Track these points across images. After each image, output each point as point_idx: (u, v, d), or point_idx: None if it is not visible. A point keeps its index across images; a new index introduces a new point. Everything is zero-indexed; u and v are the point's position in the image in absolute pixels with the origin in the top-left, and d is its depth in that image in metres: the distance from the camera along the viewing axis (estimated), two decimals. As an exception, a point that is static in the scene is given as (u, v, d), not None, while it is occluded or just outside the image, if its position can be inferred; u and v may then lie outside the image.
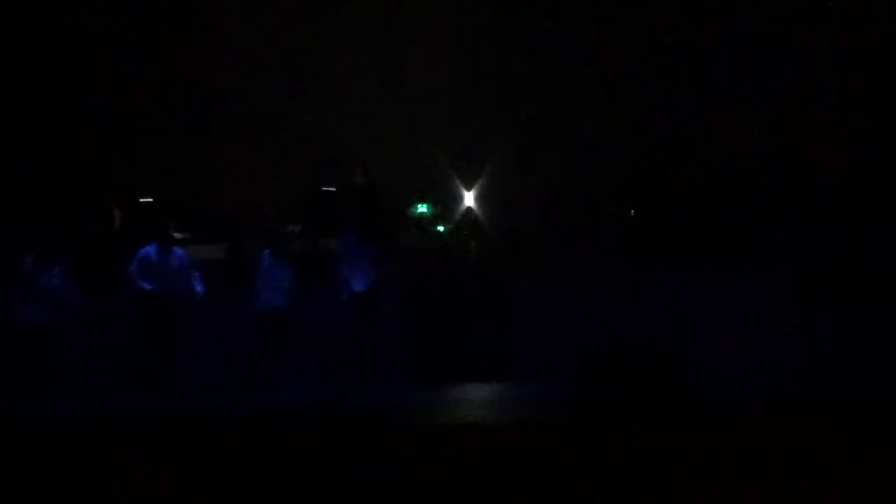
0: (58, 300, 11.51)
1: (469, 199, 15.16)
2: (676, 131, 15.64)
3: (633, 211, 13.34)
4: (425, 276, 11.84)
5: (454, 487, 6.45)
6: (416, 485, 6.57)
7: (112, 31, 16.58)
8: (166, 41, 16.51)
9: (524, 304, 12.16)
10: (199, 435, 9.18)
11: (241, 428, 9.60)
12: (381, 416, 10.04)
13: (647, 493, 6.14)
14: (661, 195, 13.35)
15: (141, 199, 14.66)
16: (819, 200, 11.59)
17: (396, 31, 16.34)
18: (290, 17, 16.56)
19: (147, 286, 11.42)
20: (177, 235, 14.23)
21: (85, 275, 12.23)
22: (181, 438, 8.91)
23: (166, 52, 16.46)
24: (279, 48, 16.47)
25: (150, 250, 11.63)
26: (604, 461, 7.10)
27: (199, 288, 11.56)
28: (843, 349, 11.12)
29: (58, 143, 16.34)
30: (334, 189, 14.17)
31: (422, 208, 12.49)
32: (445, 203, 14.40)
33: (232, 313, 12.10)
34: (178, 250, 11.75)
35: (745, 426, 8.35)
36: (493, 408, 10.35)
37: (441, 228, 12.99)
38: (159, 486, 6.78)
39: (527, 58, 16.14)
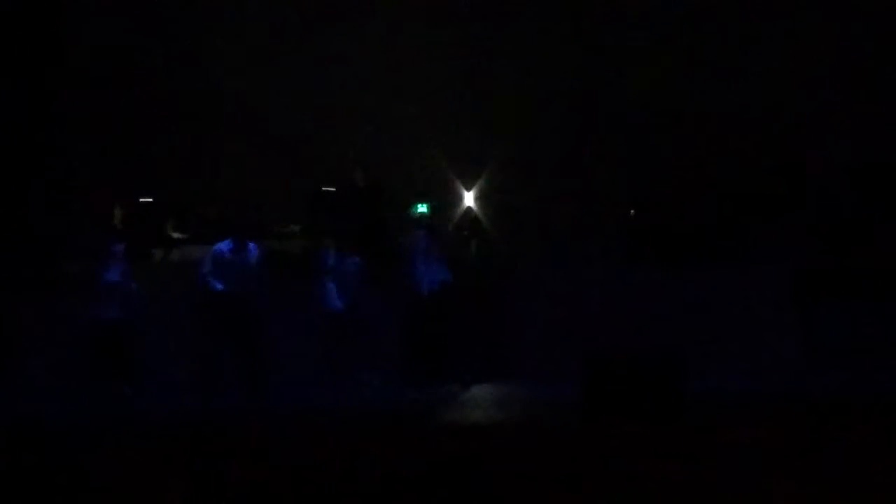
0: (129, 297, 11.35)
1: (469, 199, 15.17)
2: (676, 131, 15.65)
3: (632, 211, 13.35)
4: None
5: (455, 487, 6.45)
6: (416, 485, 6.58)
7: (113, 32, 16.59)
8: (167, 41, 16.51)
9: (524, 304, 12.16)
10: (201, 435, 9.20)
11: (240, 428, 9.61)
12: (381, 416, 10.05)
13: (646, 493, 6.14)
14: (660, 195, 13.36)
15: (141, 199, 14.64)
16: (818, 199, 11.61)
17: (397, 32, 16.35)
18: (291, 18, 16.56)
19: (220, 286, 11.02)
20: (176, 235, 14.24)
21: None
22: (185, 439, 8.92)
23: (167, 52, 16.46)
24: (280, 48, 16.47)
25: (223, 247, 11.31)
26: (604, 461, 7.10)
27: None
28: (843, 348, 11.13)
29: (58, 143, 16.34)
30: (334, 189, 14.17)
31: (422, 208, 12.47)
32: (445, 203, 14.42)
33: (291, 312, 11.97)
34: (252, 247, 11.29)
35: (744, 426, 8.36)
36: (493, 408, 10.35)
37: (441, 228, 13.00)
38: (144, 484, 6.80)
39: (527, 57, 16.15)
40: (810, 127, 15.14)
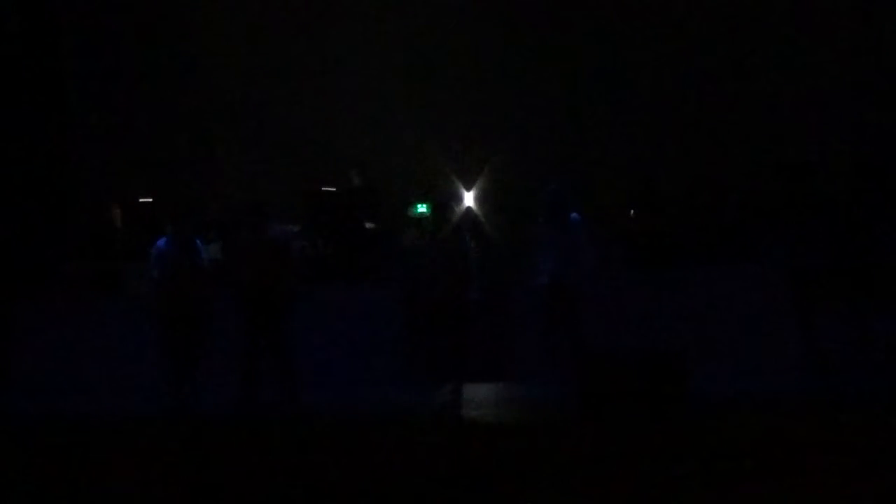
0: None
1: (469, 199, 15.15)
2: (677, 131, 15.64)
3: (632, 211, 13.32)
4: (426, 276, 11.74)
5: (454, 487, 6.45)
6: (416, 484, 6.57)
7: (113, 31, 16.58)
8: (167, 41, 16.50)
9: (524, 304, 12.15)
10: (199, 434, 9.20)
11: (240, 428, 9.61)
12: (381, 415, 10.05)
13: (647, 492, 6.14)
14: (661, 195, 13.34)
15: (141, 199, 14.63)
16: (820, 199, 11.59)
17: (397, 31, 16.34)
18: (291, 17, 16.56)
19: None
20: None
21: None
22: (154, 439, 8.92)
23: (167, 51, 16.46)
24: (280, 48, 16.47)
25: (242, 237, 10.97)
26: (604, 461, 7.10)
27: None
28: (844, 348, 11.12)
29: (57, 142, 16.34)
30: (334, 189, 14.17)
31: (422, 208, 12.44)
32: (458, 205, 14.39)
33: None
34: (277, 232, 10.98)
35: (745, 426, 8.36)
36: (493, 408, 10.35)
37: (441, 228, 12.96)
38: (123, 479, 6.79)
39: (528, 57, 16.14)
40: (811, 126, 15.13)
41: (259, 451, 8.15)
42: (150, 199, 14.37)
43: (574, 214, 11.31)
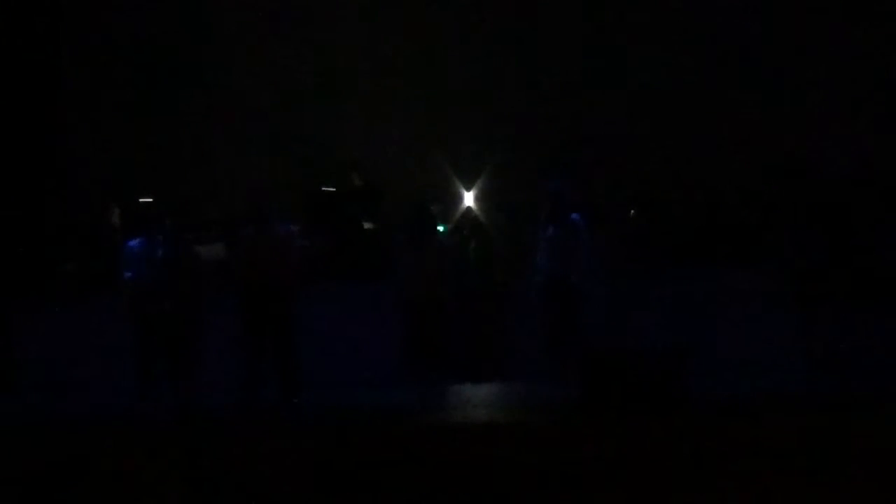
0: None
1: (469, 199, 15.16)
2: (677, 130, 15.64)
3: (632, 211, 13.33)
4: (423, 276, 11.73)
5: (454, 487, 6.45)
6: (416, 485, 6.57)
7: (113, 31, 16.59)
8: (166, 41, 16.50)
9: (524, 304, 12.15)
10: (195, 435, 9.19)
11: (240, 427, 9.61)
12: (381, 416, 10.04)
13: (647, 492, 6.14)
14: (662, 194, 13.34)
15: (141, 199, 14.63)
16: (820, 199, 11.60)
17: (397, 31, 16.35)
18: (292, 16, 16.56)
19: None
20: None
21: None
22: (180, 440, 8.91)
23: (167, 51, 16.46)
24: (280, 47, 16.47)
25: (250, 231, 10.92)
26: (604, 461, 7.10)
27: None
28: (845, 349, 11.13)
29: (56, 143, 16.35)
30: (334, 189, 14.18)
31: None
32: (445, 203, 14.40)
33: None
34: (281, 229, 10.85)
35: (745, 426, 8.35)
36: (493, 408, 10.34)
37: (441, 228, 12.99)
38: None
39: (528, 57, 16.14)
40: (812, 127, 15.13)
41: (259, 450, 8.13)
42: (150, 199, 14.38)
43: (575, 214, 11.36)
